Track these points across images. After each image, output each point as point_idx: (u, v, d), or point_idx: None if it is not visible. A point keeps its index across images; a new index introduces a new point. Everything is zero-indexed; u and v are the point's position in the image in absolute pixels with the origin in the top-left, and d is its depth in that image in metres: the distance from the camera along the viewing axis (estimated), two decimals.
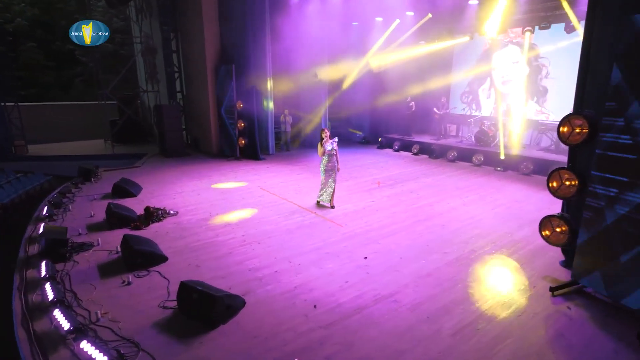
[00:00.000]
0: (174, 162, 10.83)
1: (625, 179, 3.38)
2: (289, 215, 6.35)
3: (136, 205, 6.50)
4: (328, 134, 6.41)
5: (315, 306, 3.70)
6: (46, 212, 6.15)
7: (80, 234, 5.41)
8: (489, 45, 11.78)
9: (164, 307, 3.69)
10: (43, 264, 4.30)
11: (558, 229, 4.14)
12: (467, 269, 4.45)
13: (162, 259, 4.64)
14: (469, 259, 4.71)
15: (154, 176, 9.10)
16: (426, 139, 12.41)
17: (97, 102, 14.29)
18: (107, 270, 4.46)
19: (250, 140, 10.90)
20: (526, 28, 9.96)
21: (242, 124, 10.72)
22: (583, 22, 4.56)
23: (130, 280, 4.16)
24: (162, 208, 6.27)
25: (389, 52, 12.28)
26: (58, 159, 12.09)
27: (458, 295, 3.91)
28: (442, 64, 12.77)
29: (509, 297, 3.86)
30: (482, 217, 6.23)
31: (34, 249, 5.01)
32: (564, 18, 9.17)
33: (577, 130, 3.86)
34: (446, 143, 11.62)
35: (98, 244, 5.09)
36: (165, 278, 4.25)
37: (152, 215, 5.95)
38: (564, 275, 4.27)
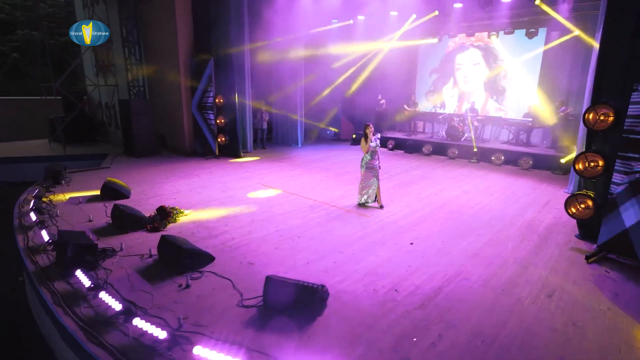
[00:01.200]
0: (147, 162, 9.96)
1: None
2: (310, 209, 6.27)
3: (131, 204, 5.91)
4: (372, 129, 6.16)
5: (396, 290, 3.77)
6: (36, 219, 5.30)
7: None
8: (452, 47, 12.73)
9: (245, 306, 3.46)
10: (79, 274, 3.75)
11: (583, 205, 4.71)
12: (507, 247, 4.84)
13: (210, 258, 4.31)
14: (501, 239, 5.11)
15: (133, 177, 8.27)
16: (398, 135, 13.02)
17: (35, 98, 12.53)
18: (151, 275, 4.03)
19: (231, 137, 10.45)
20: (491, 33, 10.99)
21: (223, 120, 10.24)
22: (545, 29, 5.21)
23: (188, 282, 3.81)
24: (175, 207, 5.78)
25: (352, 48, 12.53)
26: None
27: (513, 269, 4.25)
28: (408, 63, 13.50)
29: (557, 267, 4.30)
30: (487, 202, 6.77)
31: (45, 259, 4.32)
32: (525, 25, 10.31)
33: (602, 118, 4.44)
34: (418, 138, 12.31)
35: (122, 249, 4.56)
36: (225, 278, 3.96)
37: (169, 215, 5.46)
38: (584, 246, 4.86)
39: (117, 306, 3.20)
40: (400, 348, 2.94)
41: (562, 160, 9.09)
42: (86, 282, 3.58)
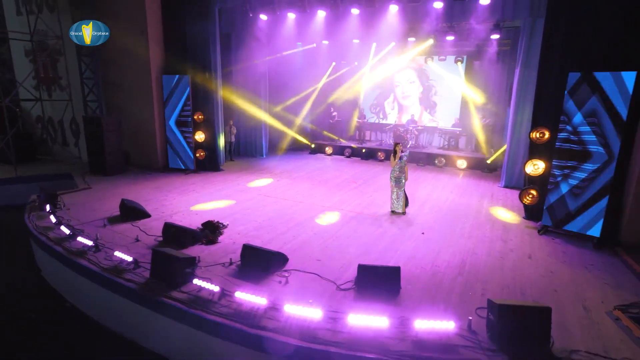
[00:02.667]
0: (125, 179, 9.80)
1: (573, 160, 6.13)
2: (340, 216, 7.38)
3: (155, 223, 6.32)
4: (402, 147, 7.26)
5: (437, 266, 5.20)
6: (92, 244, 5.43)
7: None
8: (390, 67, 14.86)
9: (343, 289, 4.52)
10: (199, 281, 4.36)
11: (530, 196, 6.79)
12: (486, 229, 6.66)
13: (285, 259, 5.19)
14: (479, 224, 6.95)
15: (127, 196, 8.27)
16: (351, 143, 14.68)
17: None
18: (247, 277, 4.77)
19: (209, 152, 10.84)
20: (428, 58, 13.33)
21: (203, 136, 10.60)
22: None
23: (288, 279, 4.69)
24: (216, 221, 6.36)
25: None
26: None
27: (498, 243, 6.03)
28: (353, 80, 15.30)
29: (523, 239, 6.22)
30: (452, 198, 8.71)
31: (133, 277, 4.71)
32: (454, 51, 12.84)
33: (539, 136, 6.54)
34: (371, 146, 14.13)
35: (199, 261, 5.13)
36: (311, 273, 4.92)
37: (217, 228, 6.08)
38: (531, 224, 6.95)
39: (263, 302, 3.99)
40: (465, 300, 4.36)
41: (488, 161, 11.71)
42: (214, 288, 4.23)
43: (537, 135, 6.60)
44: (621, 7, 5.80)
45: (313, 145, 14.60)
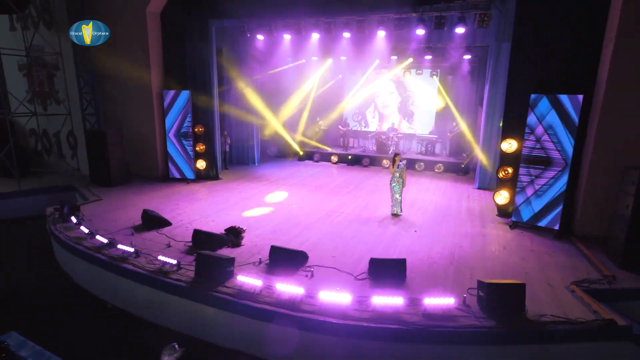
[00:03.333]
0: (131, 190, 10.28)
1: (539, 167, 7.40)
2: (327, 216, 8.31)
3: (177, 231, 7.05)
4: (400, 157, 8.26)
5: (432, 257, 6.27)
6: (133, 250, 6.07)
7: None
8: (367, 75, 15.95)
9: (360, 279, 5.48)
10: (243, 278, 5.17)
11: (503, 198, 8.04)
12: (467, 226, 7.83)
13: (306, 256, 6.07)
14: (461, 222, 8.12)
15: (140, 206, 8.83)
16: (337, 150, 15.68)
17: None
18: (277, 274, 5.62)
19: (209, 162, 11.50)
20: (406, 72, 14.58)
21: (203, 147, 11.25)
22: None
23: (312, 273, 5.59)
24: (237, 226, 7.12)
25: None
26: None
27: (479, 238, 7.20)
28: (339, 92, 16.33)
29: (498, 233, 7.43)
30: (435, 199, 9.88)
31: (180, 277, 5.44)
32: (430, 66, 14.14)
33: (508, 145, 7.80)
34: (355, 152, 15.20)
35: (232, 265, 5.91)
36: (331, 267, 5.84)
37: (240, 232, 6.86)
38: (504, 220, 8.19)
39: (300, 291, 4.86)
40: (457, 283, 5.42)
41: (462, 165, 13.07)
42: (257, 282, 5.06)
43: (506, 145, 7.87)
44: (572, 40, 7.14)
45: (302, 153, 15.47)
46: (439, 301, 4.70)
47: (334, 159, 14.95)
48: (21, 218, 10.13)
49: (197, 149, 11.24)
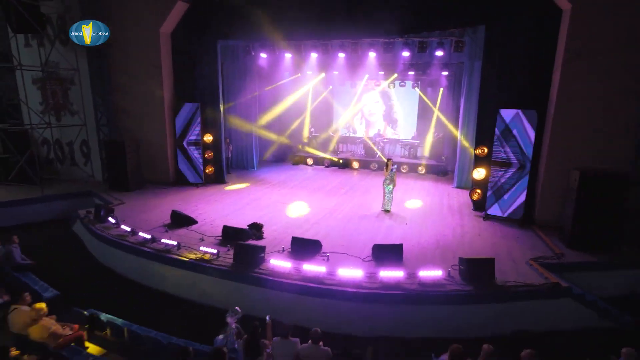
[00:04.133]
0: (148, 193, 11.31)
1: (504, 170, 9.00)
2: (330, 214, 9.64)
3: (204, 228, 8.21)
4: (392, 162, 9.78)
5: (420, 243, 7.71)
6: (174, 243, 7.20)
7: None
8: (360, 90, 17.46)
9: (366, 261, 6.84)
10: (275, 261, 6.43)
11: (477, 195, 9.61)
12: (449, 219, 9.34)
13: (320, 244, 7.36)
14: (444, 216, 9.63)
15: (162, 207, 9.91)
16: (328, 155, 17.02)
17: None
18: (299, 259, 6.91)
19: (216, 168, 12.63)
20: (390, 83, 16.13)
21: (211, 154, 12.37)
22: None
23: (328, 257, 6.90)
24: (258, 222, 8.33)
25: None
26: None
27: (460, 229, 8.72)
28: (329, 102, 17.73)
29: (474, 224, 8.97)
30: (422, 197, 11.38)
31: (223, 261, 6.64)
32: (413, 79, 15.73)
33: (480, 151, 9.38)
34: (344, 157, 16.57)
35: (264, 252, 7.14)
36: (342, 253, 7.17)
37: (261, 227, 8.10)
38: (479, 214, 9.76)
39: (323, 269, 6.17)
40: (443, 262, 6.86)
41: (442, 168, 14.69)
42: (286, 265, 6.33)
43: (479, 151, 9.46)
44: (530, 66, 8.77)
45: (296, 158, 16.75)
46: (430, 274, 6.13)
47: (326, 162, 16.30)
48: (44, 222, 10.94)
49: (206, 155, 12.35)
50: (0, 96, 13.28)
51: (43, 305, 4.71)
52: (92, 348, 5.11)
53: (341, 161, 16.12)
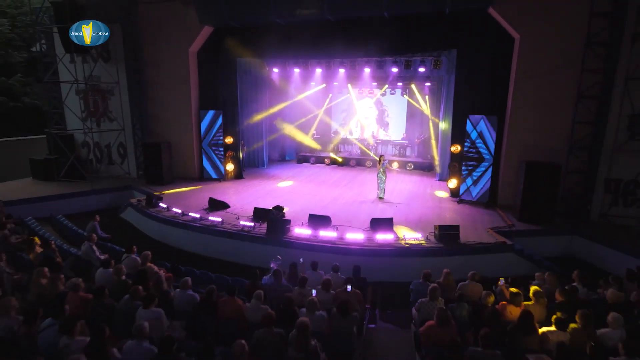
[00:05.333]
0: (180, 187, 13.45)
1: (473, 163, 11.36)
2: (334, 200, 11.90)
3: (236, 210, 10.42)
4: (384, 158, 12.10)
5: (408, 219, 10.01)
6: (219, 220, 9.39)
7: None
8: (356, 98, 19.76)
9: (366, 230, 9.13)
10: (299, 229, 8.68)
11: (454, 184, 11.97)
12: (431, 204, 11.68)
13: (330, 219, 9.59)
14: (427, 200, 11.96)
15: (198, 195, 12.06)
16: (327, 154, 19.29)
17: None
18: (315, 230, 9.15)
19: (236, 165, 14.83)
20: (382, 91, 18.51)
21: (232, 153, 14.58)
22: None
23: (338, 228, 9.15)
24: (280, 205, 10.53)
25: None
26: (35, 200, 12.05)
27: (438, 209, 11.05)
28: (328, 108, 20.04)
29: (451, 206, 11.31)
30: (410, 187, 13.70)
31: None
32: (401, 88, 18.12)
33: (454, 148, 11.75)
34: (342, 156, 18.85)
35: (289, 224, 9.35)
36: (348, 225, 9.43)
37: (282, 209, 10.31)
38: (453, 199, 12.11)
39: (334, 234, 8.43)
40: (425, 230, 9.15)
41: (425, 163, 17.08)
42: (307, 232, 8.57)
43: (454, 148, 11.82)
44: (492, 80, 11.16)
45: (300, 157, 19.01)
46: (414, 236, 8.43)
47: (327, 161, 18.57)
48: (93, 211, 12.99)
49: (227, 154, 14.54)
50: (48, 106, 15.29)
51: (149, 252, 6.84)
52: None
53: (340, 160, 18.41)
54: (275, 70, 15.16)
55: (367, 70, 14.02)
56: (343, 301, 4.90)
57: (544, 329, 4.40)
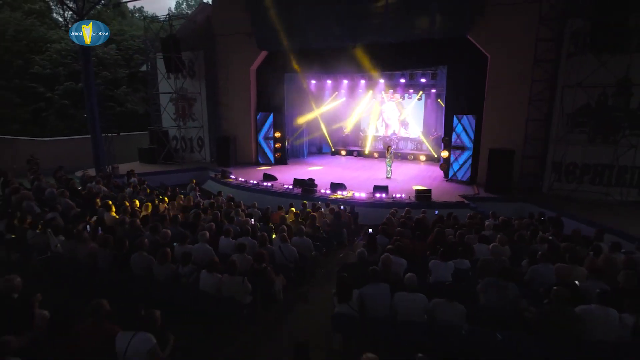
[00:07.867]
0: (242, 167, 18.38)
1: (459, 151, 15.05)
2: (356, 178, 16.13)
3: (284, 181, 14.91)
4: (391, 147, 16.33)
5: (410, 188, 14.04)
6: (270, 184, 14.06)
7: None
8: (380, 101, 23.75)
9: (372, 193, 13.31)
10: (323, 191, 13.13)
11: (445, 167, 15.72)
12: (432, 181, 15.54)
13: (345, 186, 13.86)
14: (431, 178, 15.82)
15: (254, 173, 16.83)
16: (356, 148, 23.46)
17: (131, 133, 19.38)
18: (335, 193, 13.48)
19: (282, 153, 19.56)
20: (401, 95, 22.39)
21: (279, 145, 19.33)
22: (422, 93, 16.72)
23: (348, 189, 13.42)
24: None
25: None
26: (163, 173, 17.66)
27: (436, 183, 14.90)
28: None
29: (446, 184, 15.11)
30: (415, 172, 17.57)
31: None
32: (416, 92, 21.96)
33: (447, 139, 15.50)
34: (367, 149, 22.94)
35: (317, 186, 13.76)
36: (359, 191, 13.69)
37: (314, 180, 14.74)
38: (445, 179, 15.81)
39: (350, 194, 12.73)
40: (413, 195, 13.14)
41: (435, 155, 20.74)
42: (328, 192, 12.94)
43: (445, 140, 15.59)
44: (473, 88, 14.82)
45: (333, 149, 23.42)
46: (400, 196, 12.50)
47: (355, 153, 22.77)
48: (178, 184, 18.31)
49: (276, 145, 19.29)
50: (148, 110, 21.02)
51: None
52: None
53: (366, 152, 22.56)
54: (313, 81, 19.76)
55: (381, 80, 18.19)
56: (338, 211, 9.23)
57: None
